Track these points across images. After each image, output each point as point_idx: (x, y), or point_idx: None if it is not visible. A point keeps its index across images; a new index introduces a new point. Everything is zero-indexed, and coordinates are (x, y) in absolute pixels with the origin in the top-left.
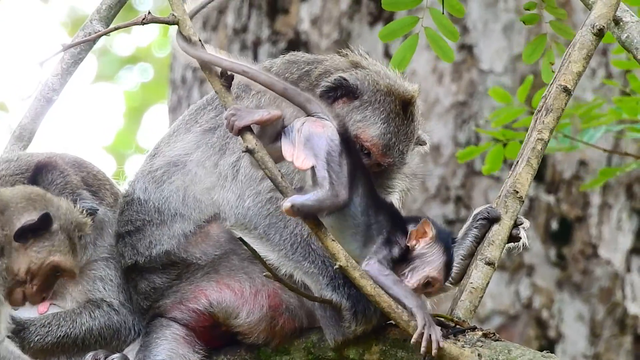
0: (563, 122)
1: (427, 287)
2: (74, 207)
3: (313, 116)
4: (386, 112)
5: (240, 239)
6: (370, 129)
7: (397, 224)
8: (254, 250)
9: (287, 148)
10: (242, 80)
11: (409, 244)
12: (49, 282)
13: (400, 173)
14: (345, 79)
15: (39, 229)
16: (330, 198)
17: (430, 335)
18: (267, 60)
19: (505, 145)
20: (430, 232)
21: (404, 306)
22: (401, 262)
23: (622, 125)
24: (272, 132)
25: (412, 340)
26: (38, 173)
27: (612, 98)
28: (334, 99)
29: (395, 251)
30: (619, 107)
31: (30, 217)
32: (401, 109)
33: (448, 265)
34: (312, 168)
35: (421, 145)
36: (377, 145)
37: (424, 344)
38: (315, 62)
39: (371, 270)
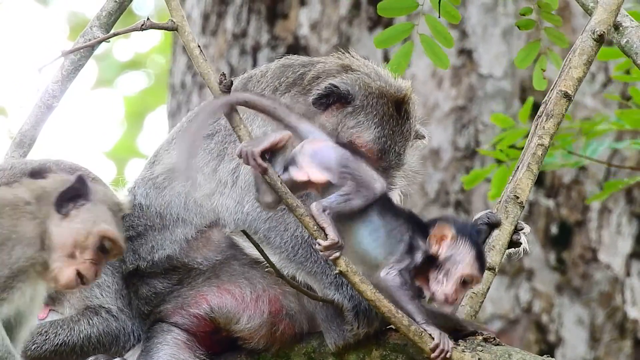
0: (568, 139)
1: (465, 286)
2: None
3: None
4: (379, 115)
5: (244, 231)
6: (364, 134)
7: (419, 229)
8: (258, 245)
9: (296, 173)
10: (243, 109)
11: (432, 251)
12: (99, 257)
13: (399, 171)
14: (335, 86)
15: (78, 195)
16: (361, 192)
17: (444, 348)
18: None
19: (509, 167)
20: (449, 233)
21: (416, 322)
22: (431, 267)
23: (624, 141)
24: (282, 161)
25: (431, 350)
26: None
27: (614, 111)
28: (326, 106)
29: (419, 258)
30: (621, 119)
31: (66, 185)
32: (395, 110)
33: (479, 257)
34: (328, 182)
35: (420, 138)
36: (372, 150)
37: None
38: (309, 65)
39: (390, 282)
